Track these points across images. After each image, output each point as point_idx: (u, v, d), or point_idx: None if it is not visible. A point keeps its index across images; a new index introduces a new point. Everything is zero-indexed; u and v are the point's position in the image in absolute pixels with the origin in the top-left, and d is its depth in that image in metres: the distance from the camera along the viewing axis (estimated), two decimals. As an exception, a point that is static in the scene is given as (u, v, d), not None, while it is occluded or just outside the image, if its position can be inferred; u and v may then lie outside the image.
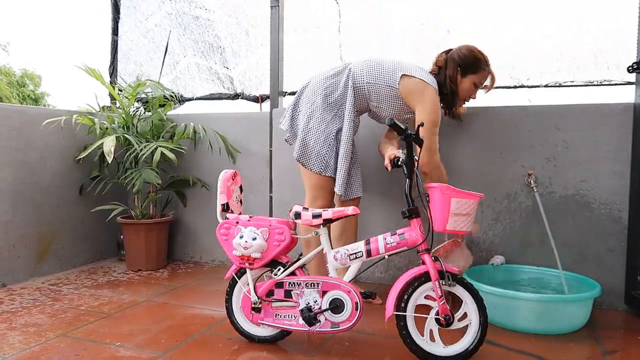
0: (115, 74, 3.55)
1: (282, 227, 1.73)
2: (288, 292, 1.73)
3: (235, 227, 1.76)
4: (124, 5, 3.50)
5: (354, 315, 1.65)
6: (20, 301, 2.33)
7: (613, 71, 2.39)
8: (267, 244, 1.72)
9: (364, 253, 1.68)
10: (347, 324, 1.66)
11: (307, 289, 1.71)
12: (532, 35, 2.52)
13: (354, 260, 1.70)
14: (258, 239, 1.71)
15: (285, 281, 1.74)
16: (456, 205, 1.60)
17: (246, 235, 1.72)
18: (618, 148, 2.26)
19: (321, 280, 1.70)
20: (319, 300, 1.69)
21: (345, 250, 1.70)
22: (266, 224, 1.74)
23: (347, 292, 1.66)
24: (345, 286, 1.67)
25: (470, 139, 2.50)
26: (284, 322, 1.74)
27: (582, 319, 2.00)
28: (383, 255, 1.68)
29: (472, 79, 2.16)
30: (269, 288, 1.75)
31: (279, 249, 1.72)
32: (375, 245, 1.68)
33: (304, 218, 1.72)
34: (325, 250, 1.74)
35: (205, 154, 3.12)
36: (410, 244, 1.65)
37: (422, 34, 2.74)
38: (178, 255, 3.25)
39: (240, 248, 1.72)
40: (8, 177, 2.60)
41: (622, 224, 2.27)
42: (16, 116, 2.65)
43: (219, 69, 3.28)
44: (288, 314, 1.73)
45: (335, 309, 1.67)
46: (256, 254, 1.72)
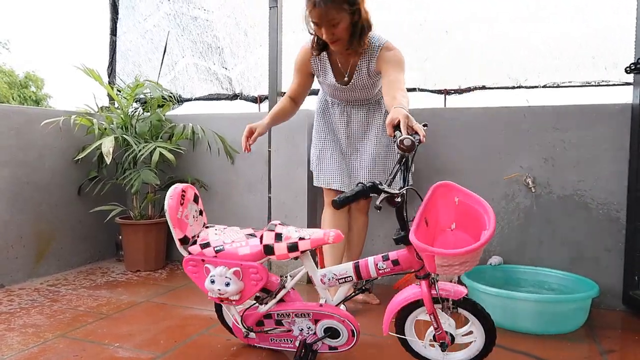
0: (113, 74, 3.55)
1: (256, 267, 1.54)
2: (278, 321, 1.65)
3: (202, 265, 1.58)
4: (123, 6, 3.50)
5: (351, 341, 1.60)
6: (18, 302, 2.33)
7: (611, 72, 2.40)
8: (244, 283, 1.56)
9: (353, 277, 1.54)
10: (345, 347, 1.62)
11: (297, 318, 1.62)
12: (531, 36, 2.52)
13: (343, 285, 1.57)
14: (232, 284, 1.53)
15: (273, 312, 1.64)
16: (441, 261, 1.33)
17: (217, 280, 1.54)
18: (616, 148, 2.26)
19: (311, 310, 1.59)
20: (312, 327, 1.62)
21: (332, 274, 1.56)
22: (237, 264, 1.54)
23: (342, 322, 1.58)
24: (338, 316, 1.58)
25: (468, 139, 2.50)
26: (280, 345, 1.70)
27: (580, 319, 2.01)
28: (374, 277, 1.55)
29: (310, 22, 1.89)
30: (257, 318, 1.67)
31: (257, 288, 1.56)
32: (366, 269, 1.53)
33: (277, 252, 1.52)
34: (310, 273, 1.59)
35: (204, 154, 3.12)
36: (406, 268, 1.50)
37: (421, 34, 2.74)
38: (177, 256, 3.24)
39: (215, 293, 1.56)
40: (6, 177, 2.60)
41: (620, 224, 2.27)
42: (15, 116, 2.64)
43: (218, 69, 3.27)
44: (284, 338, 1.69)
45: (331, 335, 1.61)
46: (234, 297, 1.56)
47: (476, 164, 2.49)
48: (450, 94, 2.71)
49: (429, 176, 2.53)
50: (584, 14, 2.42)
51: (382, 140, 2.20)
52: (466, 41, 2.66)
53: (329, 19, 1.80)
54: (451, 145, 2.53)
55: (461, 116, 2.52)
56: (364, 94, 2.14)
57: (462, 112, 2.53)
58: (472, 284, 2.08)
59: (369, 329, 1.96)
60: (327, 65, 2.09)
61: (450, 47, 2.69)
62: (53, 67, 58.99)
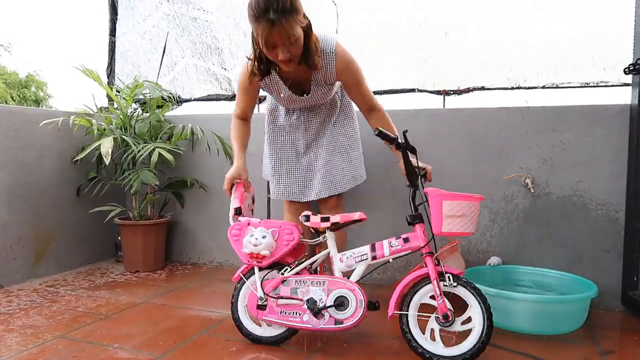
0: (112, 75, 3.54)
1: (291, 227, 1.78)
2: (294, 289, 1.76)
3: (246, 227, 1.81)
4: (122, 7, 3.50)
5: (358, 312, 1.67)
6: (17, 303, 2.32)
7: (609, 72, 2.40)
8: (276, 243, 1.77)
9: (369, 256, 1.72)
10: (351, 321, 1.68)
11: (312, 286, 1.74)
12: (529, 36, 2.53)
13: (359, 263, 1.73)
14: (267, 237, 1.75)
15: (291, 279, 1.77)
16: (448, 207, 1.62)
17: (256, 234, 1.76)
18: (615, 149, 2.27)
19: (327, 279, 1.73)
20: (324, 298, 1.70)
21: (351, 253, 1.75)
22: (276, 225, 1.79)
23: (352, 290, 1.69)
24: (350, 284, 1.70)
25: (467, 140, 2.50)
26: (288, 319, 1.75)
27: (579, 319, 2.01)
28: (388, 258, 1.72)
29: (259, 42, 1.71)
30: (275, 285, 1.78)
31: (288, 248, 1.76)
32: (381, 248, 1.72)
33: (312, 220, 1.77)
34: (331, 254, 1.78)
35: (203, 155, 3.12)
36: (414, 247, 1.68)
37: (421, 35, 2.74)
38: (176, 256, 3.25)
39: (249, 245, 1.76)
40: (5, 178, 2.60)
41: (619, 224, 2.28)
42: (13, 117, 2.64)
43: (217, 70, 3.27)
44: (293, 311, 1.75)
45: (339, 306, 1.69)
46: (265, 252, 1.75)
47: (475, 164, 2.49)
48: (449, 95, 2.72)
49: (428, 177, 2.53)
50: (582, 15, 2.43)
51: (336, 138, 2.17)
52: (465, 42, 2.66)
53: (288, 37, 1.65)
54: (450, 146, 2.53)
55: (460, 117, 2.52)
56: (322, 99, 2.08)
57: (461, 112, 2.53)
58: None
59: (374, 330, 1.96)
60: (278, 82, 1.97)
61: (449, 48, 2.69)
62: (53, 67, 59.00)
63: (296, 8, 1.65)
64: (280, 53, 1.70)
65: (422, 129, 2.57)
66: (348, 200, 2.60)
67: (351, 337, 1.91)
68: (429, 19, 2.73)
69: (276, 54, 1.71)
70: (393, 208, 2.63)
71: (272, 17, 1.60)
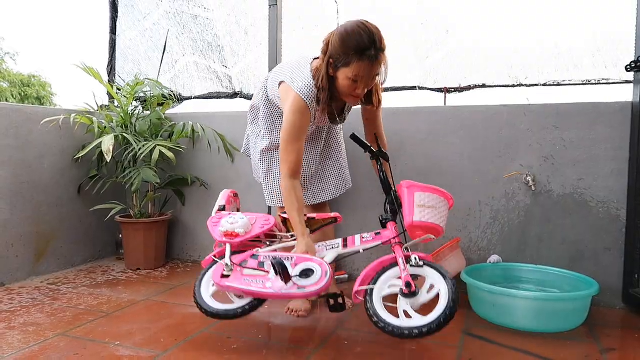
0: (113, 72, 3.54)
1: (269, 217, 1.92)
2: (262, 263, 1.80)
3: (226, 215, 1.93)
4: (122, 4, 3.49)
5: (322, 280, 1.65)
6: (19, 300, 2.33)
7: (611, 70, 2.40)
8: (252, 227, 1.88)
9: (340, 245, 1.82)
10: (314, 287, 1.64)
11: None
12: (530, 34, 2.52)
13: (330, 250, 1.82)
14: (245, 219, 1.87)
15: (261, 254, 1.83)
16: (419, 197, 1.72)
17: (236, 216, 1.89)
18: (616, 147, 2.26)
19: (295, 255, 1.76)
20: (290, 270, 1.68)
21: (323, 243, 1.86)
22: (254, 215, 1.94)
23: (320, 264, 1.71)
24: (317, 259, 1.73)
25: (468, 137, 2.50)
26: (250, 285, 1.72)
27: (580, 317, 2.01)
28: (358, 248, 1.80)
29: (345, 73, 1.72)
30: (244, 258, 1.83)
31: (262, 230, 1.87)
32: (352, 239, 1.83)
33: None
34: None
35: (204, 152, 3.12)
36: (385, 239, 1.77)
37: (422, 33, 2.74)
38: (177, 254, 3.25)
39: (227, 224, 1.85)
40: (6, 176, 2.60)
41: (620, 222, 2.27)
42: (14, 115, 2.64)
43: (218, 67, 3.27)
44: (257, 279, 1.74)
45: (303, 275, 1.68)
46: (240, 230, 1.84)
47: (476, 162, 2.49)
48: (450, 92, 2.71)
49: (428, 174, 2.53)
50: (583, 12, 2.42)
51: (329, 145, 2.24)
52: (466, 40, 2.66)
53: (377, 73, 1.72)
54: (451, 144, 2.53)
55: (461, 114, 2.52)
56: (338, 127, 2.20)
57: (462, 110, 2.53)
58: (472, 281, 2.08)
59: (370, 328, 1.96)
60: (325, 114, 1.97)
61: (451, 45, 2.69)
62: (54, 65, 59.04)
63: (385, 47, 1.71)
64: (361, 89, 1.74)
65: (423, 126, 2.57)
66: (340, 204, 2.60)
67: (352, 335, 1.91)
68: (430, 16, 2.73)
69: (355, 87, 1.73)
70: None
71: (374, 53, 1.65)
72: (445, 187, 1.84)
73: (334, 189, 2.27)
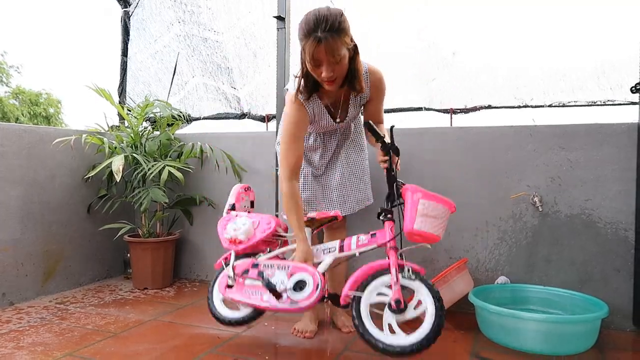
0: (124, 94, 3.61)
1: (270, 219, 1.96)
2: (261, 272, 1.87)
3: (234, 218, 2.01)
4: (134, 27, 3.58)
5: (313, 294, 1.73)
6: (27, 320, 2.34)
7: (616, 91, 2.41)
8: (255, 231, 1.94)
9: (336, 248, 1.84)
10: (305, 302, 1.74)
11: (278, 270, 1.85)
12: (536, 56, 2.55)
13: (327, 255, 1.85)
14: (247, 225, 1.94)
15: (261, 263, 1.90)
16: (423, 206, 1.68)
17: (238, 222, 1.96)
18: (623, 168, 2.26)
19: (292, 264, 1.82)
20: (285, 281, 1.80)
21: (321, 246, 1.89)
22: (259, 217, 1.99)
23: (312, 275, 1.77)
24: (310, 269, 1.78)
25: (475, 158, 2.51)
26: (250, 297, 1.87)
27: (590, 339, 1.99)
28: (354, 251, 1.82)
29: (306, 58, 1.75)
30: (246, 267, 1.92)
31: (263, 235, 1.92)
32: (349, 242, 1.84)
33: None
34: None
35: (212, 172, 3.15)
36: (380, 242, 1.77)
37: (428, 55, 2.78)
38: (184, 273, 3.26)
39: (231, 231, 1.94)
40: (18, 196, 2.64)
41: (628, 243, 2.26)
42: (26, 135, 2.69)
43: (227, 89, 3.32)
44: (255, 291, 1.87)
45: (297, 288, 1.77)
46: (242, 236, 1.92)
47: (483, 182, 2.50)
48: (456, 113, 2.74)
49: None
50: (588, 34, 2.45)
51: (350, 156, 2.21)
52: (473, 61, 2.69)
53: (333, 55, 1.69)
54: (457, 164, 2.54)
55: (467, 135, 2.53)
56: (348, 125, 2.14)
57: (468, 131, 2.54)
58: (480, 303, 2.07)
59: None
60: (322, 109, 1.98)
61: (457, 67, 2.72)
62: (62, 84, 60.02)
63: (343, 29, 1.70)
64: (325, 71, 1.73)
65: (430, 147, 2.59)
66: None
67: (359, 357, 1.90)
68: (437, 38, 2.76)
69: (320, 72, 1.74)
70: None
71: (320, 35, 1.65)
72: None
73: (354, 203, 2.21)
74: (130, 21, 3.58)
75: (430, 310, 1.58)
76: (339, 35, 1.69)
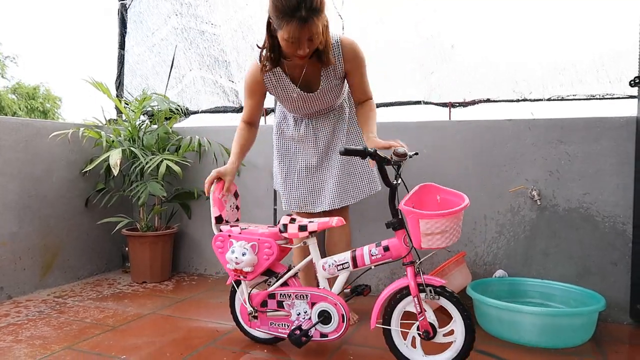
0: (121, 87, 3.59)
1: (270, 241, 1.78)
2: (280, 302, 1.82)
3: (227, 240, 1.85)
4: (131, 20, 3.55)
5: (340, 327, 1.71)
6: (26, 313, 2.34)
7: (615, 85, 2.41)
8: (257, 257, 1.80)
9: (350, 264, 1.71)
10: (334, 334, 1.72)
11: (297, 300, 1.78)
12: (535, 50, 2.54)
13: (342, 271, 1.73)
14: (247, 254, 1.79)
15: (277, 293, 1.82)
16: (426, 226, 1.51)
17: (237, 250, 1.80)
18: (621, 161, 2.27)
19: (309, 292, 1.76)
20: (308, 311, 1.76)
21: (333, 260, 1.74)
22: (255, 238, 1.80)
23: (334, 305, 1.72)
24: (332, 299, 1.72)
25: (473, 152, 2.51)
26: (278, 330, 1.83)
27: (587, 332, 2.00)
28: (369, 266, 1.72)
29: (281, 35, 1.70)
30: (262, 298, 1.85)
31: (268, 262, 1.79)
32: (361, 256, 1.70)
33: (290, 231, 1.75)
34: (314, 260, 1.78)
35: (210, 166, 3.14)
36: (395, 256, 1.65)
37: (427, 49, 2.77)
38: (183, 267, 3.26)
39: (232, 263, 1.82)
40: (15, 190, 2.63)
41: (626, 237, 2.27)
42: (23, 129, 2.68)
43: (224, 82, 3.31)
44: (281, 323, 1.83)
45: (324, 320, 1.74)
46: (247, 268, 1.81)
47: (481, 176, 2.50)
48: (454, 107, 2.73)
49: (434, 189, 2.54)
50: (587, 28, 2.44)
51: (348, 141, 2.15)
52: (471, 55, 2.68)
53: (313, 34, 1.67)
54: (456, 158, 2.54)
55: (466, 129, 2.53)
56: (330, 99, 2.02)
57: (468, 124, 2.54)
58: (478, 296, 2.08)
59: (355, 339, 1.96)
60: (284, 78, 1.95)
61: (456, 60, 2.71)
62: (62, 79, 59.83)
63: (323, 7, 1.67)
64: (301, 49, 1.70)
65: (428, 141, 2.58)
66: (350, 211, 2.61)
67: (357, 350, 1.90)
68: (435, 32, 2.75)
69: (296, 48, 1.70)
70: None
71: (304, 15, 1.60)
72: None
73: (357, 191, 2.15)
74: (128, 14, 3.56)
75: (458, 344, 1.58)
76: (320, 14, 1.65)
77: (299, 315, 1.78)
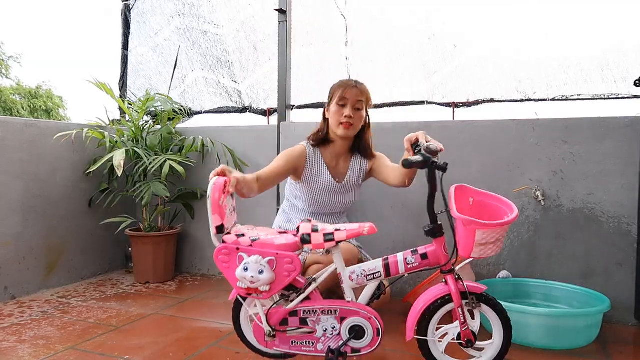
0: (125, 88, 3.60)
1: (291, 257, 1.52)
2: (303, 319, 1.59)
3: (236, 254, 1.55)
4: (134, 21, 3.56)
5: (375, 341, 1.57)
6: (29, 313, 2.35)
7: (620, 85, 2.40)
8: (276, 274, 1.52)
9: (382, 273, 1.57)
10: (368, 349, 1.57)
11: (323, 315, 1.58)
12: (539, 49, 2.54)
13: (372, 281, 1.59)
14: (265, 272, 1.51)
15: (300, 309, 1.59)
16: (482, 236, 1.44)
17: (251, 268, 1.51)
18: (626, 162, 2.25)
19: (339, 307, 1.57)
20: (337, 327, 1.58)
21: (362, 270, 1.58)
22: (272, 253, 1.52)
23: (368, 319, 1.56)
24: (365, 313, 1.56)
25: (477, 152, 2.50)
26: (301, 349, 1.61)
27: (592, 334, 1.98)
28: (403, 274, 1.58)
29: (334, 102, 2.05)
30: (282, 316, 1.60)
31: (289, 279, 1.53)
32: (395, 264, 1.56)
33: (314, 241, 1.55)
34: (339, 270, 1.60)
35: (214, 166, 3.12)
36: (433, 264, 1.55)
37: (429, 48, 2.76)
38: (186, 267, 3.26)
39: (245, 282, 1.52)
40: (19, 190, 2.64)
41: (631, 237, 2.25)
42: (27, 129, 2.69)
43: (227, 82, 3.31)
44: (305, 341, 1.61)
45: (355, 336, 1.57)
46: (264, 287, 1.52)
47: (485, 176, 2.49)
48: (458, 107, 2.72)
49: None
50: (592, 27, 2.43)
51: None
52: (475, 55, 2.68)
53: (359, 99, 2.03)
54: (459, 158, 2.53)
55: (469, 129, 2.52)
56: (349, 198, 2.20)
57: (471, 125, 2.53)
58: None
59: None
60: (319, 160, 2.15)
61: (459, 60, 2.71)
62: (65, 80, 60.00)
63: (369, 97, 2.10)
64: (347, 110, 2.03)
65: (432, 141, 2.57)
66: (357, 213, 2.61)
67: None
68: (438, 31, 2.75)
69: (342, 112, 2.04)
70: (403, 220, 2.62)
71: (354, 84, 2.06)
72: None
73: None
74: (131, 14, 3.56)
75: (495, 347, 1.55)
76: (366, 95, 2.08)
77: (326, 332, 1.58)
